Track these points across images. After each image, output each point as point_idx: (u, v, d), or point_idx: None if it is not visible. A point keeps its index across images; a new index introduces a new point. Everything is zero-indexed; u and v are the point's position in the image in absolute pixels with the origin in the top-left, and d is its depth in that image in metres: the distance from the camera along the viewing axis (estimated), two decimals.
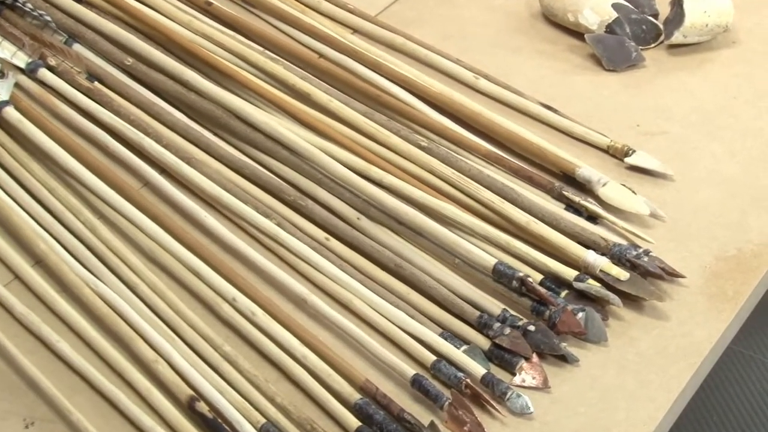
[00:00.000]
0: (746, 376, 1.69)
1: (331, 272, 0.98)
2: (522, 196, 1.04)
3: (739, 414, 1.63)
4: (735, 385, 1.68)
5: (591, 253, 0.97)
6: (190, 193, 1.06)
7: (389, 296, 0.97)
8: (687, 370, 0.91)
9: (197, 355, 0.91)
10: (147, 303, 0.95)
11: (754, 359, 1.71)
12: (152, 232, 1.01)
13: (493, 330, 0.93)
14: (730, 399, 1.66)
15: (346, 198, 1.05)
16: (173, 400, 0.88)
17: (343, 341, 0.94)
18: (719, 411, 1.64)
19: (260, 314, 0.94)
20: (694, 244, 1.01)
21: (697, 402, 1.65)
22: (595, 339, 0.93)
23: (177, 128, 1.12)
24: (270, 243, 1.02)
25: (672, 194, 1.06)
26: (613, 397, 0.89)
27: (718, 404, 1.66)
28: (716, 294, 0.97)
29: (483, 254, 0.98)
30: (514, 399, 0.88)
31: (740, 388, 1.67)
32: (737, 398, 1.66)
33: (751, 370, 1.70)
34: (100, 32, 1.20)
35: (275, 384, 0.89)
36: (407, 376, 0.90)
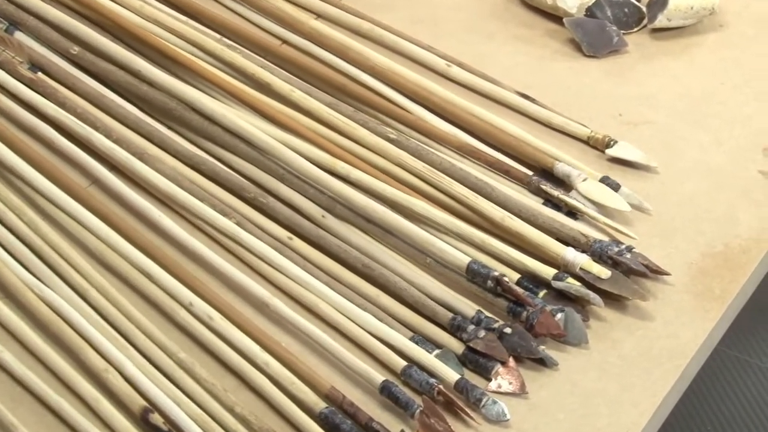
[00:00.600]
0: (742, 382, 1.70)
1: (295, 274, 0.99)
2: (497, 190, 1.05)
3: (735, 423, 1.64)
4: (730, 393, 1.69)
5: (570, 250, 0.99)
6: (142, 192, 1.07)
7: (357, 299, 0.98)
8: (672, 372, 0.92)
9: (151, 363, 0.91)
10: (96, 309, 0.95)
11: (750, 364, 1.73)
12: (102, 234, 1.01)
13: (467, 333, 0.94)
14: (725, 407, 1.67)
15: (310, 194, 1.06)
16: (125, 411, 0.88)
17: (307, 347, 0.95)
18: (713, 419, 1.65)
19: (218, 319, 0.95)
20: (679, 239, 1.03)
21: (690, 410, 1.66)
22: (575, 341, 0.95)
23: (128, 122, 1.13)
24: (229, 243, 1.02)
25: (656, 187, 1.08)
26: (595, 402, 0.90)
27: (711, 412, 1.67)
28: (703, 292, 0.98)
29: (456, 253, 0.99)
30: (489, 406, 0.90)
31: (736, 396, 1.68)
32: (732, 406, 1.67)
33: (747, 376, 1.71)
34: (44, 19, 1.20)
35: (235, 393, 0.90)
36: (376, 383, 0.90)
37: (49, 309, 0.94)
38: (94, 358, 0.91)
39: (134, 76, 1.15)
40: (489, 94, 1.17)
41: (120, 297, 0.96)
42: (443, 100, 1.15)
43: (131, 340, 0.93)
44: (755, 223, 1.04)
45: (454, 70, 1.19)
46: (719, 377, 1.71)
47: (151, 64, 1.16)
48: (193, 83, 1.16)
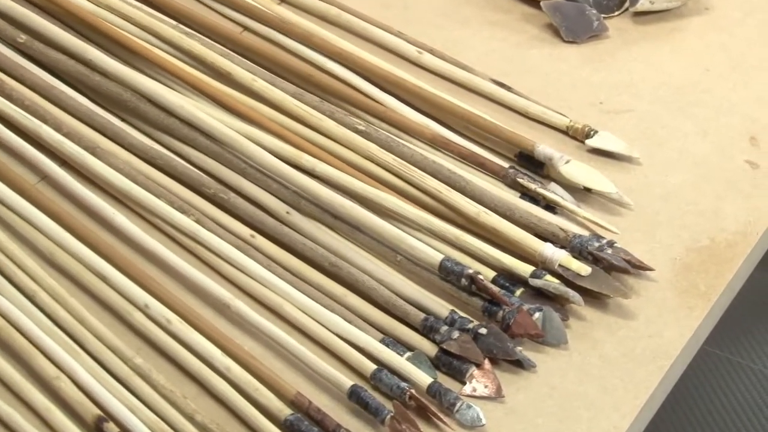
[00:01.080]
0: (733, 384, 1.72)
1: (258, 274, 0.99)
2: (471, 183, 1.05)
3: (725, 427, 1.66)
4: (721, 395, 1.71)
5: (549, 245, 1.00)
6: (95, 188, 1.07)
7: (323, 299, 0.98)
8: (655, 374, 0.93)
9: (105, 369, 0.91)
10: (47, 312, 0.95)
11: (741, 366, 1.74)
12: (52, 233, 1.01)
13: (440, 334, 0.95)
14: (715, 410, 1.69)
15: (274, 190, 1.06)
16: (78, 421, 0.88)
17: (271, 350, 0.95)
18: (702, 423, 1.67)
19: (176, 322, 0.95)
20: (662, 234, 1.04)
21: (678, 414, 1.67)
22: (553, 341, 0.95)
23: (79, 114, 1.12)
24: (188, 242, 1.03)
25: (638, 179, 1.09)
26: (574, 405, 0.91)
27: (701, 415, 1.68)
28: (687, 289, 0.99)
29: (428, 250, 1.00)
30: (464, 410, 0.90)
31: (726, 398, 1.70)
32: (723, 409, 1.68)
33: (739, 378, 1.72)
34: None
35: (195, 400, 0.90)
36: (344, 388, 0.91)
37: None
38: (45, 365, 0.91)
39: (86, 66, 1.15)
40: (462, 83, 1.18)
41: (72, 299, 0.96)
42: (414, 88, 1.15)
43: (84, 345, 0.93)
44: (742, 216, 1.05)
45: (426, 57, 1.20)
46: (709, 379, 1.73)
47: (104, 53, 1.16)
48: (148, 73, 1.16)
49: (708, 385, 1.73)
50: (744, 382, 1.71)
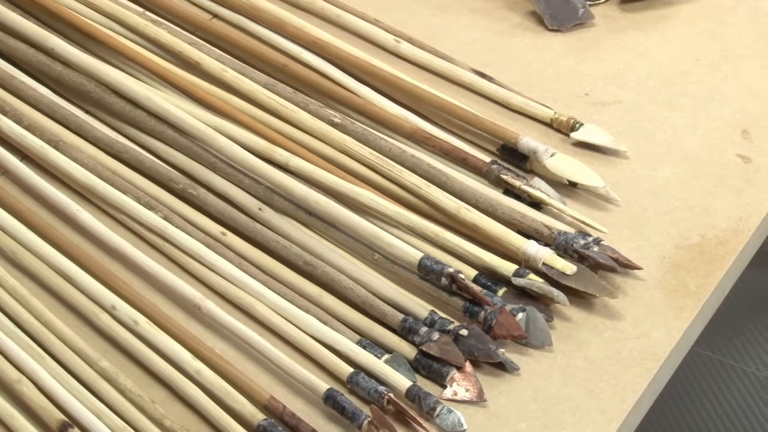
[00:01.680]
0: (725, 387, 1.73)
1: (229, 273, 1.00)
2: (452, 179, 1.07)
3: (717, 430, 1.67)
4: (713, 399, 1.72)
5: (532, 243, 1.01)
6: (58, 183, 1.08)
7: (298, 299, 0.99)
8: (643, 376, 0.95)
9: (69, 373, 0.93)
10: (8, 314, 0.96)
11: (734, 368, 1.76)
12: (13, 230, 1.02)
13: (419, 336, 0.96)
14: (707, 414, 1.70)
15: (246, 185, 1.07)
16: (41, 426, 0.89)
17: (243, 353, 0.96)
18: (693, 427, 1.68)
19: (144, 323, 0.96)
20: (651, 231, 1.05)
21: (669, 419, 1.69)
22: (537, 343, 0.97)
23: (41, 106, 1.13)
24: (155, 240, 1.04)
25: (626, 173, 1.10)
26: (559, 409, 0.93)
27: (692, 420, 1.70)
28: (677, 288, 1.01)
29: (407, 248, 1.01)
30: (444, 415, 0.92)
31: (719, 401, 1.71)
32: (715, 412, 1.70)
33: (732, 381, 1.74)
34: None
35: (163, 405, 0.91)
36: (320, 392, 0.92)
37: None
38: (6, 368, 0.92)
39: (47, 55, 1.16)
40: (442, 73, 1.19)
41: (34, 300, 0.97)
42: (392, 79, 1.17)
43: (47, 347, 0.94)
44: (733, 212, 1.07)
45: (404, 46, 1.21)
46: (700, 382, 1.75)
47: (66, 41, 1.17)
48: (113, 63, 1.17)
49: (699, 388, 1.74)
50: (736, 385, 1.73)
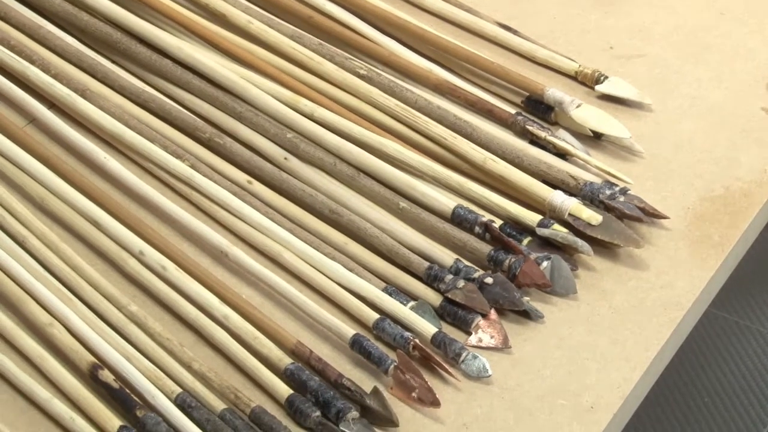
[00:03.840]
0: (741, 348, 1.73)
1: (255, 221, 1.01)
2: (478, 130, 1.07)
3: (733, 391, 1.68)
4: (729, 360, 1.73)
5: (558, 193, 1.02)
6: (85, 131, 1.08)
7: (324, 247, 1.00)
8: (667, 326, 0.95)
9: (99, 317, 0.94)
10: (38, 259, 0.97)
11: (750, 330, 1.76)
12: (42, 177, 1.03)
13: (444, 283, 0.97)
14: (723, 376, 1.70)
15: (272, 135, 1.08)
16: (72, 368, 0.90)
17: (270, 299, 0.97)
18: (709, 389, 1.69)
19: (172, 269, 0.97)
20: (675, 182, 1.06)
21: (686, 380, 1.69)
22: (562, 292, 0.98)
23: (68, 55, 1.14)
24: (182, 188, 1.05)
25: (650, 126, 1.11)
26: (583, 357, 0.93)
27: (709, 383, 1.70)
28: (700, 239, 1.01)
29: (440, 196, 1.02)
30: (469, 361, 0.92)
31: (734, 363, 1.71)
32: (731, 373, 1.70)
33: (748, 343, 1.74)
34: None
35: (192, 349, 0.92)
36: (346, 337, 0.93)
37: None
38: (38, 311, 0.93)
39: (74, 5, 1.16)
40: (466, 26, 1.20)
41: (63, 245, 0.98)
42: (418, 31, 1.17)
43: (77, 292, 0.95)
44: (757, 164, 1.07)
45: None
46: (717, 344, 1.75)
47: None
48: (139, 13, 1.17)
49: (715, 349, 1.74)
50: (752, 346, 1.73)
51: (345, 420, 0.88)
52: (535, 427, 0.88)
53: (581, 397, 0.90)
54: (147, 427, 0.86)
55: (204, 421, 0.87)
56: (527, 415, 0.89)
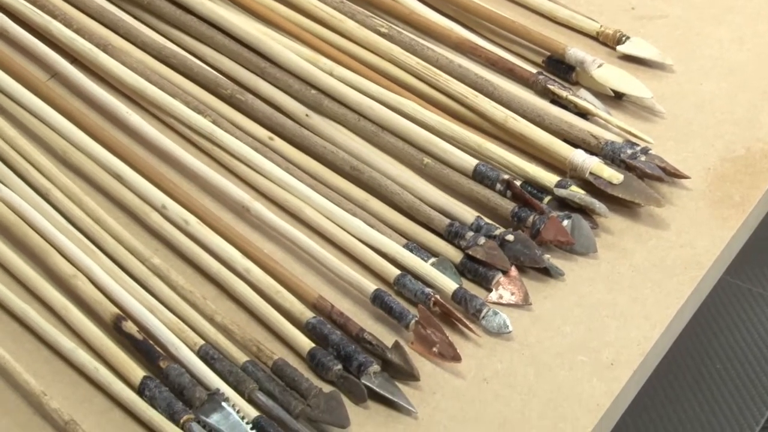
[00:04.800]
0: (755, 317, 1.74)
1: (276, 176, 1.02)
2: (499, 89, 1.08)
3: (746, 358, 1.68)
4: (741, 327, 1.73)
5: (579, 152, 1.02)
6: (107, 86, 1.09)
7: (345, 203, 1.01)
8: (687, 284, 0.96)
9: (122, 269, 0.94)
10: (61, 211, 0.98)
11: (764, 298, 1.76)
12: (64, 130, 1.04)
13: (465, 240, 0.97)
14: (736, 344, 1.71)
15: (294, 91, 1.08)
16: (96, 319, 0.91)
17: (291, 254, 0.98)
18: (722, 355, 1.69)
19: (195, 223, 0.97)
20: (696, 143, 1.06)
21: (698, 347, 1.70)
22: (582, 250, 0.98)
23: (89, 10, 1.14)
24: (204, 144, 1.05)
25: (672, 87, 1.11)
26: (603, 315, 0.94)
27: (722, 349, 1.70)
28: (721, 199, 1.02)
29: (461, 154, 1.02)
30: (490, 317, 0.93)
31: (747, 330, 1.72)
32: (744, 342, 1.70)
33: (762, 311, 1.74)
34: None
35: (214, 302, 0.93)
36: (367, 292, 0.94)
37: (10, 210, 0.97)
38: (61, 263, 0.94)
39: None
40: None
41: (86, 198, 0.99)
42: None
43: (100, 244, 0.96)
44: None
45: None
46: (730, 311, 1.75)
47: None
48: None
49: (728, 316, 1.75)
50: (766, 314, 1.74)
51: (366, 374, 0.88)
52: (555, 382, 0.89)
53: (601, 354, 0.91)
54: (170, 378, 0.87)
55: (226, 373, 0.88)
56: (547, 370, 0.90)
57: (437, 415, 0.87)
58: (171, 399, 0.86)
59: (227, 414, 0.85)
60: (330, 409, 0.86)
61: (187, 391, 0.86)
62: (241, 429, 0.84)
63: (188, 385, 0.86)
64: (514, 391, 0.89)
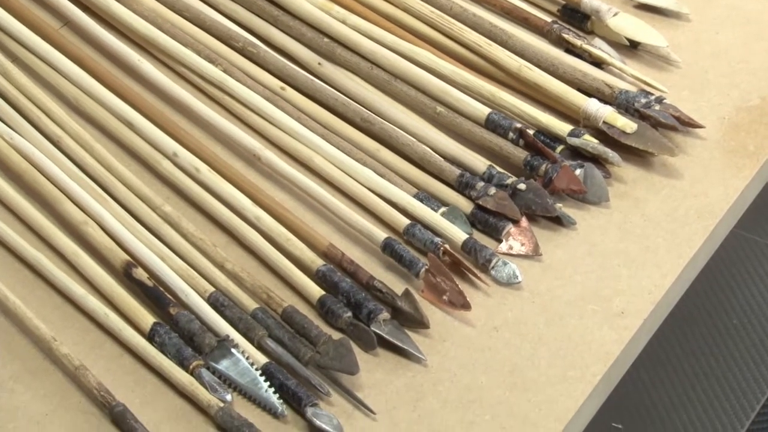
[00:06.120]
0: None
1: (287, 125, 1.01)
2: (513, 38, 1.07)
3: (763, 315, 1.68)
4: (758, 282, 1.72)
5: (593, 101, 1.01)
6: (119, 34, 1.09)
7: (355, 153, 1.00)
8: (700, 233, 0.95)
9: (133, 216, 0.94)
10: (72, 158, 0.98)
11: None
12: (76, 78, 1.04)
13: (475, 190, 0.97)
14: (753, 299, 1.70)
15: (307, 39, 1.08)
16: (106, 266, 0.91)
17: (302, 202, 0.98)
18: (739, 313, 1.69)
19: (206, 171, 0.97)
20: (711, 92, 1.05)
21: (714, 303, 1.69)
22: (594, 199, 0.98)
23: None
24: (215, 93, 1.05)
25: (687, 36, 1.10)
26: (614, 264, 0.94)
27: (738, 305, 1.69)
28: (735, 149, 1.01)
29: (474, 102, 1.02)
30: (500, 267, 0.93)
31: (765, 286, 1.71)
32: (761, 297, 1.70)
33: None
34: None
35: (224, 249, 0.93)
36: (377, 241, 0.94)
37: (22, 158, 0.97)
38: (72, 210, 0.94)
39: None
40: None
41: (97, 146, 0.99)
42: None
43: (111, 192, 0.96)
44: None
45: None
46: (747, 266, 1.74)
47: None
48: None
49: (745, 271, 1.74)
50: None
51: (376, 321, 0.88)
52: (565, 331, 0.89)
53: (612, 303, 0.91)
54: (180, 324, 0.87)
55: (236, 320, 0.88)
56: (558, 319, 0.90)
57: (447, 363, 0.87)
58: (181, 345, 0.86)
59: (236, 360, 0.85)
60: (339, 356, 0.86)
61: (196, 338, 0.86)
62: (250, 375, 0.84)
63: (198, 332, 0.86)
64: (524, 340, 0.89)
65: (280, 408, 0.83)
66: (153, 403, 0.84)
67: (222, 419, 0.82)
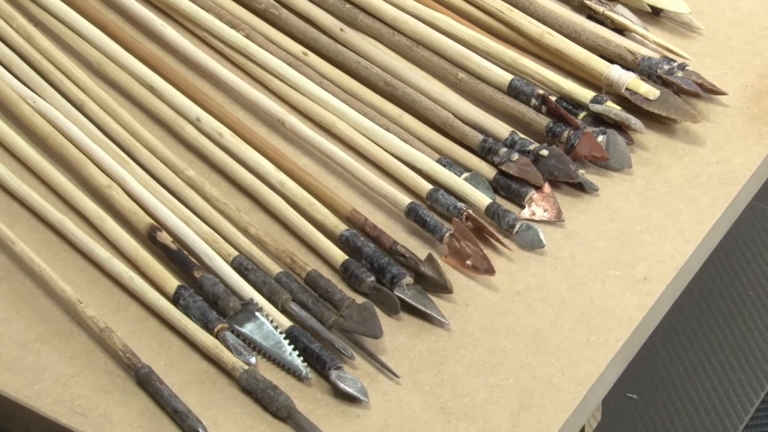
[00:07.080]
0: None
1: (310, 90, 1.01)
2: (535, 3, 1.07)
3: None
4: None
5: (616, 67, 1.01)
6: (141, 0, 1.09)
7: (379, 118, 1.00)
8: (722, 200, 0.96)
9: (156, 180, 0.95)
10: (96, 123, 0.98)
11: None
12: (99, 42, 1.04)
13: (498, 156, 0.97)
14: None
15: (329, 5, 1.08)
16: (130, 229, 0.92)
17: (326, 167, 0.98)
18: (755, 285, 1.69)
19: (229, 136, 0.98)
20: (734, 59, 1.05)
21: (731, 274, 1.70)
22: (617, 166, 0.98)
23: None
24: (238, 58, 1.05)
25: (710, 3, 1.10)
26: (637, 230, 0.94)
27: (754, 276, 1.70)
28: (758, 116, 1.01)
29: (496, 69, 1.01)
30: (523, 232, 0.93)
31: None
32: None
33: None
34: None
35: (248, 214, 0.93)
36: (401, 206, 0.94)
37: (45, 122, 0.97)
38: (96, 174, 0.94)
39: None
40: None
41: (121, 110, 0.99)
42: None
43: (135, 156, 0.96)
44: None
45: None
46: (764, 238, 1.74)
47: None
48: None
49: (762, 243, 1.74)
50: None
51: (399, 285, 0.89)
52: (588, 296, 0.89)
53: (634, 269, 0.91)
54: (204, 287, 0.88)
55: (260, 284, 0.88)
56: (580, 284, 0.90)
57: (469, 327, 0.87)
58: (205, 308, 0.86)
59: (261, 323, 0.85)
60: (363, 320, 0.86)
61: (221, 301, 0.87)
62: (274, 338, 0.85)
63: (222, 295, 0.87)
64: (547, 305, 0.89)
65: (304, 371, 0.84)
66: (177, 365, 0.84)
67: (246, 381, 0.82)
